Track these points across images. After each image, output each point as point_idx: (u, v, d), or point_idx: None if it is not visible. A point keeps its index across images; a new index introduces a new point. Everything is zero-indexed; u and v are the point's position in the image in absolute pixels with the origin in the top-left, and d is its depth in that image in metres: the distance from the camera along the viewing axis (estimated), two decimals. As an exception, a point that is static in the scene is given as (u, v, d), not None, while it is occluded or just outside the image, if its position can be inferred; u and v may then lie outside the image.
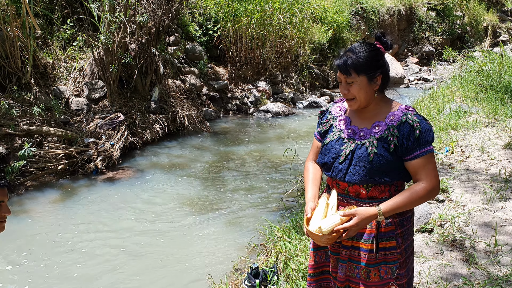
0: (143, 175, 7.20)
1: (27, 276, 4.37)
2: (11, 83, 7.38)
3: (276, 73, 12.81)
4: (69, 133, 7.28)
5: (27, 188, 6.49)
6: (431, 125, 2.07)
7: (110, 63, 8.09)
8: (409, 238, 2.18)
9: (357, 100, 2.07)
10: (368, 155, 2.03)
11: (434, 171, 2.03)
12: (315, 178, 2.28)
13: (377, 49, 2.08)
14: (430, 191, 2.02)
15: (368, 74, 2.03)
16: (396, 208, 2.00)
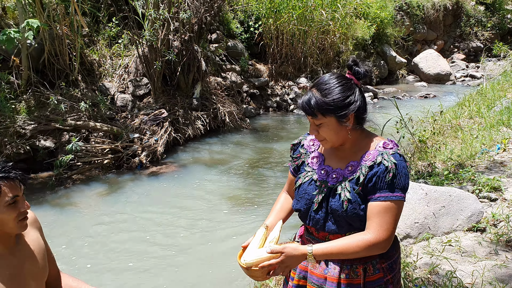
0: (186, 170, 7.27)
1: (74, 264, 4.49)
2: (60, 80, 7.62)
3: (317, 70, 12.65)
4: (114, 128, 7.44)
5: (74, 182, 6.69)
6: (408, 169, 1.78)
7: (154, 60, 8.22)
8: (399, 282, 1.95)
9: (328, 141, 1.82)
10: (342, 204, 1.78)
11: (388, 223, 1.70)
12: (281, 209, 2.07)
13: (346, 83, 1.79)
14: (372, 245, 1.71)
15: (336, 115, 1.75)
16: (329, 254, 1.73)
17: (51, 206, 5.94)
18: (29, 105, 7.07)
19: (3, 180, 1.55)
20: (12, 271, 1.60)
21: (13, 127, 6.61)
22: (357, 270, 1.83)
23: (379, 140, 1.83)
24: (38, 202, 6.01)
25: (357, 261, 1.83)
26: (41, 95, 7.22)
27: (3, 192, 1.55)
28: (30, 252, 1.71)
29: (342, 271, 1.84)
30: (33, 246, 1.74)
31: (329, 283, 1.85)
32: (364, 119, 1.84)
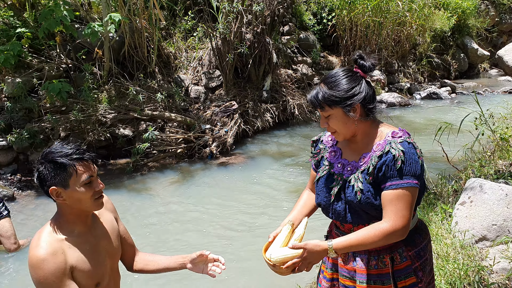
0: (253, 162, 7.37)
1: (146, 239, 4.73)
2: (138, 71, 8.00)
3: (392, 62, 12.24)
4: (188, 119, 7.70)
5: (149, 169, 7.03)
6: (419, 155, 1.79)
7: (227, 53, 8.37)
8: (429, 267, 1.95)
9: (339, 133, 1.89)
10: (355, 194, 1.83)
11: (402, 210, 1.73)
12: (304, 205, 2.13)
13: (351, 75, 1.86)
14: (389, 234, 1.74)
15: (342, 105, 1.82)
16: (349, 247, 1.79)
17: (127, 191, 6.30)
18: (110, 95, 7.50)
19: (78, 161, 1.65)
20: (91, 247, 1.72)
21: (95, 115, 7.05)
22: (385, 260, 1.87)
23: (389, 130, 1.87)
24: (116, 186, 6.38)
25: (384, 251, 1.87)
26: (121, 86, 7.63)
27: (79, 172, 1.64)
28: (105, 231, 1.83)
29: (370, 262, 1.88)
30: (108, 226, 1.86)
31: (359, 275, 1.89)
32: (372, 110, 1.88)
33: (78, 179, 1.64)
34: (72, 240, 1.67)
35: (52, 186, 1.63)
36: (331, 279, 2.04)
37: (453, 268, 3.09)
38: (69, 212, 1.69)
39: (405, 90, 11.85)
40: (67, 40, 7.64)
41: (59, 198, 1.65)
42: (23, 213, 5.66)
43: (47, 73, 7.03)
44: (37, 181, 1.68)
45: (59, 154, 1.63)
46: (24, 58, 6.97)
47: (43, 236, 1.63)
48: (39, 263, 1.57)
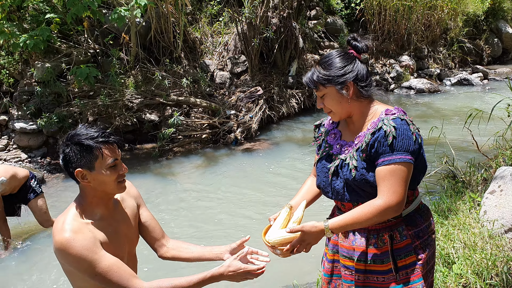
0: (278, 148, 7.35)
1: (171, 224, 4.79)
2: (164, 57, 8.03)
3: (421, 47, 11.93)
4: (213, 104, 7.71)
5: (175, 154, 7.09)
6: (413, 131, 1.77)
7: (253, 38, 8.31)
8: (430, 250, 1.93)
9: (335, 112, 1.92)
10: (350, 172, 1.85)
11: (395, 186, 1.73)
12: (307, 191, 2.16)
13: (344, 55, 1.90)
14: (384, 210, 1.74)
15: (335, 84, 1.86)
16: (344, 225, 1.80)
17: (153, 175, 6.38)
18: (137, 80, 7.57)
19: (104, 144, 1.66)
20: (112, 230, 1.74)
21: (122, 100, 7.14)
22: (384, 238, 1.88)
23: (383, 108, 1.88)
24: (142, 170, 6.48)
25: (383, 229, 1.88)
26: (147, 71, 7.69)
27: (105, 155, 1.66)
28: (126, 217, 1.85)
29: (369, 241, 1.90)
30: (129, 212, 1.88)
31: (357, 253, 1.92)
32: (366, 90, 1.89)
33: (103, 161, 1.65)
34: (95, 224, 1.69)
35: (78, 168, 1.65)
36: (332, 261, 2.07)
37: (480, 258, 3.01)
38: (92, 195, 1.71)
39: (435, 76, 11.56)
40: (94, 25, 7.73)
41: (84, 180, 1.67)
42: (53, 196, 5.81)
43: (75, 58, 7.14)
44: (63, 163, 1.70)
45: (85, 136, 1.65)
46: (53, 43, 7.09)
47: (67, 220, 1.65)
48: (69, 243, 1.57)
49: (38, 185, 4.49)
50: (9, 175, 4.18)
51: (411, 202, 1.92)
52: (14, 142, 6.94)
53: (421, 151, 1.84)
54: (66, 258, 1.60)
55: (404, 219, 1.89)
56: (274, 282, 3.72)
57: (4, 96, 7.08)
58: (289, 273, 3.75)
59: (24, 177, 4.34)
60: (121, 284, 1.62)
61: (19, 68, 7.18)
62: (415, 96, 10.40)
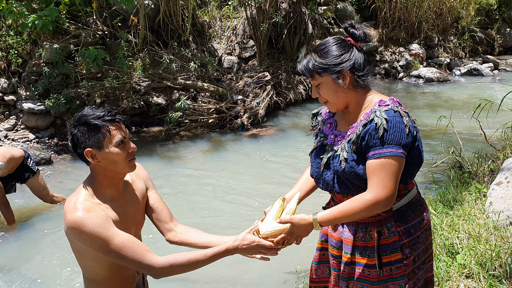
0: (284, 135, 7.34)
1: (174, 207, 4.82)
2: (172, 40, 8.00)
3: (432, 36, 11.79)
4: (220, 89, 7.70)
5: (181, 138, 7.11)
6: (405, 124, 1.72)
7: (261, 22, 8.24)
8: (420, 246, 1.91)
9: (331, 102, 1.88)
10: (340, 163, 1.83)
11: (385, 180, 1.70)
12: (304, 181, 2.15)
13: (340, 43, 1.84)
14: (372, 204, 1.71)
15: (331, 73, 1.81)
16: (333, 219, 1.79)
17: (159, 158, 6.41)
18: (144, 63, 7.55)
19: (110, 123, 1.68)
20: (122, 211, 1.76)
21: (129, 83, 7.14)
22: (371, 233, 1.86)
23: (378, 99, 1.84)
24: (149, 153, 6.50)
25: (372, 224, 1.86)
26: (155, 54, 7.67)
27: (113, 133, 1.68)
28: (135, 199, 1.86)
29: (357, 234, 1.89)
30: (138, 194, 1.89)
31: (344, 245, 1.92)
32: (363, 79, 1.85)
33: (111, 140, 1.67)
34: (106, 204, 1.71)
35: (87, 148, 1.66)
36: (321, 249, 2.09)
37: (484, 249, 3.02)
38: (103, 175, 1.72)
39: (445, 66, 11.44)
40: (103, 7, 7.69)
41: (94, 159, 1.68)
42: (60, 176, 5.86)
43: (84, 40, 7.13)
44: (71, 145, 1.71)
45: (92, 116, 1.66)
46: (61, 24, 7.07)
47: (80, 199, 1.66)
48: (83, 221, 1.59)
49: (34, 164, 4.57)
50: (7, 159, 4.22)
51: (403, 196, 1.89)
52: (22, 122, 6.98)
53: (416, 144, 1.80)
54: (80, 236, 1.61)
55: (394, 214, 1.86)
56: (278, 268, 3.76)
57: (12, 76, 7.11)
58: (292, 258, 3.77)
59: (20, 157, 4.39)
60: (136, 259, 1.63)
61: (27, 49, 7.19)
62: (424, 85, 10.31)
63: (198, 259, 1.69)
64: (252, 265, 3.87)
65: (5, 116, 7.03)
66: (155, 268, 1.65)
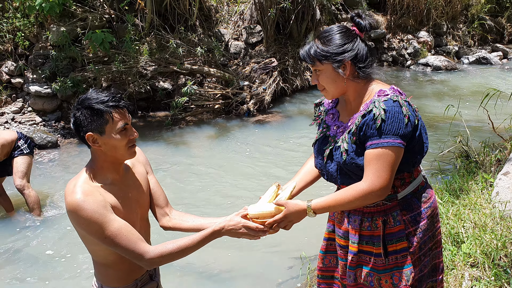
0: (291, 121, 7.33)
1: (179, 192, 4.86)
2: (179, 24, 7.95)
3: (441, 24, 11.67)
4: (226, 75, 7.67)
5: (187, 123, 7.12)
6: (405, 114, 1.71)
7: (269, 8, 8.17)
8: (427, 234, 1.90)
9: (328, 90, 1.87)
10: (341, 155, 1.82)
11: (380, 170, 1.70)
12: (304, 173, 2.14)
13: (345, 32, 1.82)
14: (367, 194, 1.72)
15: (332, 61, 1.79)
16: (327, 207, 1.80)
17: (166, 143, 6.43)
18: (151, 47, 7.52)
19: (114, 109, 1.66)
20: (123, 195, 1.76)
21: (136, 67, 7.12)
22: (377, 222, 1.86)
23: (378, 88, 1.83)
24: (155, 138, 6.52)
25: (377, 213, 1.86)
26: (162, 38, 7.63)
27: (115, 119, 1.66)
28: (137, 182, 1.86)
29: (363, 224, 1.89)
30: (139, 178, 1.89)
31: (351, 235, 1.92)
32: (364, 71, 1.83)
33: (114, 126, 1.66)
34: (106, 187, 1.71)
35: (89, 132, 1.66)
36: (328, 239, 2.10)
37: (490, 239, 3.02)
38: (103, 160, 1.72)
39: (453, 54, 11.34)
40: (110, -10, 7.65)
41: (95, 144, 1.68)
42: (66, 159, 5.90)
43: (91, 23, 7.10)
44: (74, 127, 1.70)
45: (95, 100, 1.65)
46: (68, 7, 7.04)
47: (79, 183, 1.67)
48: (80, 205, 1.59)
49: (27, 145, 4.31)
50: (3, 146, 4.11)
51: (408, 184, 1.88)
52: (29, 105, 7.00)
53: (417, 133, 1.79)
54: (77, 220, 1.62)
55: (400, 202, 1.86)
56: (283, 254, 3.79)
57: (19, 59, 7.11)
58: (297, 245, 3.80)
59: (13, 140, 4.22)
60: (129, 248, 1.64)
61: (34, 31, 7.17)
62: (431, 73, 10.23)
63: (187, 245, 1.69)
64: (257, 251, 3.91)
65: (12, 98, 7.05)
66: (145, 258, 1.66)
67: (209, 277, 3.65)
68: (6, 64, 7.05)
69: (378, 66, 1.97)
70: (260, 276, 3.62)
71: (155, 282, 1.95)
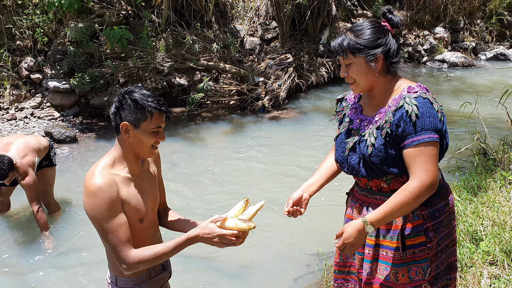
0: (305, 118, 7.33)
1: (196, 188, 4.91)
2: (195, 20, 7.99)
3: (458, 19, 11.53)
4: (242, 71, 7.69)
5: (203, 119, 7.16)
6: (436, 110, 1.76)
7: (285, 3, 8.16)
8: (444, 230, 1.91)
9: (358, 83, 1.88)
10: (367, 148, 1.85)
11: (426, 164, 1.73)
12: (324, 169, 2.16)
13: (379, 27, 1.86)
14: (421, 191, 1.72)
15: (365, 55, 1.81)
16: (384, 217, 1.76)
17: (182, 139, 6.48)
18: (167, 44, 7.57)
19: (156, 110, 1.76)
20: (138, 186, 1.86)
21: (153, 63, 7.18)
22: None
23: (406, 84, 1.86)
24: (171, 134, 6.57)
25: None
26: (178, 35, 7.68)
27: (153, 119, 1.75)
28: (150, 176, 1.95)
29: None
30: (153, 172, 1.99)
31: None
32: (394, 66, 1.87)
33: (150, 125, 1.75)
34: (123, 176, 1.79)
35: (125, 122, 1.75)
36: None
37: (509, 237, 3.01)
38: (126, 150, 1.81)
39: (470, 50, 11.20)
40: (127, -14, 7.71)
41: (126, 134, 1.77)
42: (85, 154, 5.98)
43: (108, 19, 7.17)
44: (114, 110, 1.78)
45: (143, 97, 1.75)
46: (86, 3, 7.12)
47: (99, 168, 1.76)
48: (96, 191, 1.68)
49: (54, 155, 4.32)
50: (41, 150, 4.06)
51: None
52: (48, 100, 7.11)
53: (444, 129, 1.81)
54: (88, 203, 1.70)
55: None
56: (300, 250, 3.81)
57: (38, 55, 7.21)
58: (314, 242, 3.82)
59: (47, 147, 4.19)
60: (117, 247, 1.71)
61: (53, 28, 7.27)
62: (448, 69, 10.13)
63: (163, 252, 1.73)
64: (274, 248, 3.93)
65: (31, 94, 7.17)
66: (126, 262, 1.72)
67: (225, 272, 3.69)
68: (25, 60, 7.16)
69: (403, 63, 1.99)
70: (276, 272, 3.65)
71: (168, 272, 2.03)
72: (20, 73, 7.16)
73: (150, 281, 1.90)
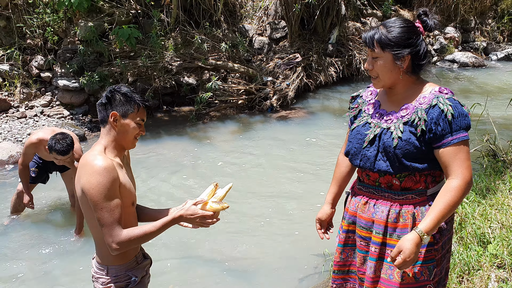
0: (314, 117, 7.31)
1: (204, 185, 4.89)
2: (204, 20, 8.00)
3: (469, 19, 11.43)
4: (250, 70, 7.69)
5: (211, 118, 7.17)
6: (466, 110, 1.82)
7: (294, 3, 8.14)
8: (446, 234, 1.94)
9: (380, 79, 1.90)
10: (392, 140, 1.85)
11: (466, 161, 1.79)
12: (340, 177, 2.20)
13: (412, 27, 1.87)
14: (465, 188, 1.78)
15: (394, 52, 1.83)
16: (438, 222, 1.77)
17: (190, 138, 6.49)
18: (176, 43, 7.60)
19: (143, 104, 1.94)
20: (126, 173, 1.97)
21: (161, 62, 7.21)
22: (405, 215, 1.89)
23: (434, 86, 1.89)
24: (179, 132, 6.60)
25: (406, 206, 1.90)
26: (187, 34, 7.69)
27: (140, 111, 1.93)
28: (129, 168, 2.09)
29: (390, 215, 1.91)
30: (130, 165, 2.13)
31: (376, 225, 1.94)
32: (420, 68, 1.90)
33: (136, 116, 1.92)
34: (116, 162, 1.90)
35: (115, 111, 1.89)
36: (347, 231, 2.11)
37: (517, 240, 2.98)
38: (112, 140, 1.93)
39: (481, 50, 11.10)
40: (136, -15, 7.74)
41: (115, 122, 1.89)
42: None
43: (117, 18, 7.21)
44: (105, 101, 1.91)
45: (131, 92, 1.94)
46: (96, 2, 7.16)
47: (96, 152, 1.85)
48: (101, 171, 1.77)
49: None
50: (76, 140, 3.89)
51: (437, 182, 1.92)
52: (57, 99, 7.16)
53: None
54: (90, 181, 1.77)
55: (429, 198, 1.89)
56: (305, 250, 3.80)
57: (48, 54, 7.27)
58: (320, 242, 3.80)
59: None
60: (111, 225, 1.80)
61: (63, 26, 7.32)
62: (458, 70, 10.05)
63: (151, 231, 1.85)
64: (280, 247, 3.93)
65: (41, 92, 7.23)
66: (116, 240, 1.80)
67: (232, 270, 3.69)
68: (35, 58, 7.22)
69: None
70: (282, 272, 3.64)
71: (149, 260, 2.14)
72: (31, 71, 7.23)
73: (138, 267, 2.02)
